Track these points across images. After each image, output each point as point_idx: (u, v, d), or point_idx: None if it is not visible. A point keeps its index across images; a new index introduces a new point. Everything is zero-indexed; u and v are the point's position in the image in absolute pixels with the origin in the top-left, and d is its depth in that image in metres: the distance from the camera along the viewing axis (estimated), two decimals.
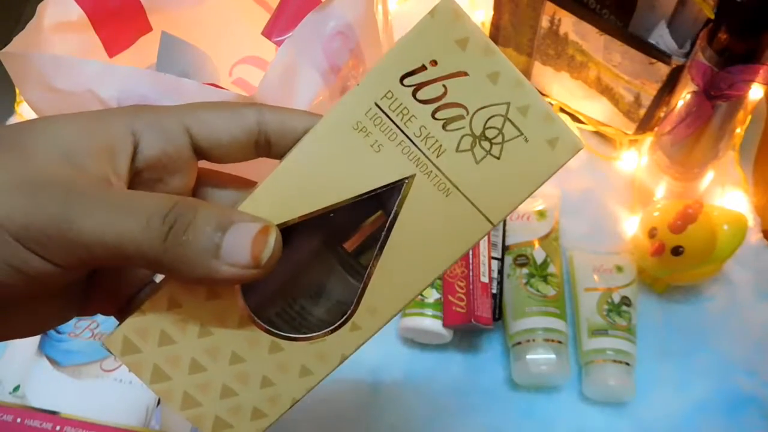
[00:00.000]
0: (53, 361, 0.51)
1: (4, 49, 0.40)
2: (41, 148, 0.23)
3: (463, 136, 0.24)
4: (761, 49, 0.46)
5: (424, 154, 0.25)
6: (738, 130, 0.58)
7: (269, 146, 0.26)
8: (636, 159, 0.60)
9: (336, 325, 0.26)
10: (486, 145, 0.24)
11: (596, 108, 0.62)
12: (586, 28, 0.56)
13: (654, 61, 0.53)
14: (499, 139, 0.24)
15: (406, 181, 0.25)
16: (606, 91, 0.60)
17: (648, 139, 0.59)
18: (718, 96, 0.48)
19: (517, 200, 0.25)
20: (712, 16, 0.46)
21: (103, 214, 0.22)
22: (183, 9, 0.50)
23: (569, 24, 0.57)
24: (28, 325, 0.26)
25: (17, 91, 0.56)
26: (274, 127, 0.26)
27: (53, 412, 0.49)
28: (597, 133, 0.63)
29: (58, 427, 0.48)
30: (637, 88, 0.57)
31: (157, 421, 0.49)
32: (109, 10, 0.47)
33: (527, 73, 0.65)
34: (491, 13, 0.64)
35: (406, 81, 0.24)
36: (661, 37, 0.53)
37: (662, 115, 0.57)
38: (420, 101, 0.24)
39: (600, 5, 0.54)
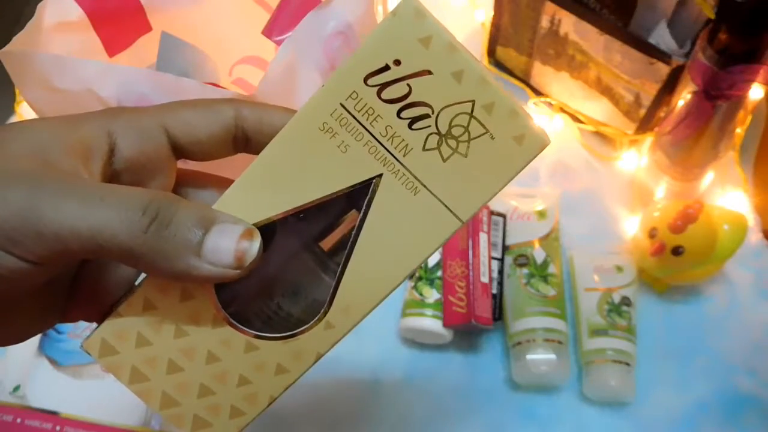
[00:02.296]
0: (53, 361, 0.51)
1: (4, 49, 0.40)
2: (12, 147, 0.23)
3: (429, 135, 0.24)
4: (761, 49, 0.46)
5: (390, 153, 0.25)
6: (738, 130, 0.58)
7: (247, 142, 0.26)
8: (636, 159, 0.60)
9: (309, 324, 0.26)
10: (452, 143, 0.24)
11: (596, 108, 0.62)
12: (586, 28, 0.56)
13: (654, 61, 0.53)
14: (465, 137, 0.24)
15: (374, 180, 0.25)
16: (606, 91, 0.60)
17: (648, 139, 0.59)
18: (718, 96, 0.48)
19: (485, 197, 0.25)
20: (712, 16, 0.46)
21: (76, 204, 0.22)
22: (183, 9, 0.50)
23: (569, 24, 0.57)
24: (8, 332, 0.26)
25: (17, 91, 0.56)
26: (251, 123, 0.26)
27: (53, 412, 0.49)
28: (597, 133, 0.63)
29: (58, 427, 0.48)
30: (637, 88, 0.57)
31: (157, 421, 0.49)
32: (109, 10, 0.47)
33: (527, 73, 0.65)
34: (491, 13, 0.64)
35: (371, 81, 0.24)
36: (661, 37, 0.53)
37: (662, 115, 0.57)
38: (385, 101, 0.24)
39: (600, 5, 0.54)
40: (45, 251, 0.22)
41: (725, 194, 0.59)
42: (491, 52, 0.67)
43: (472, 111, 0.24)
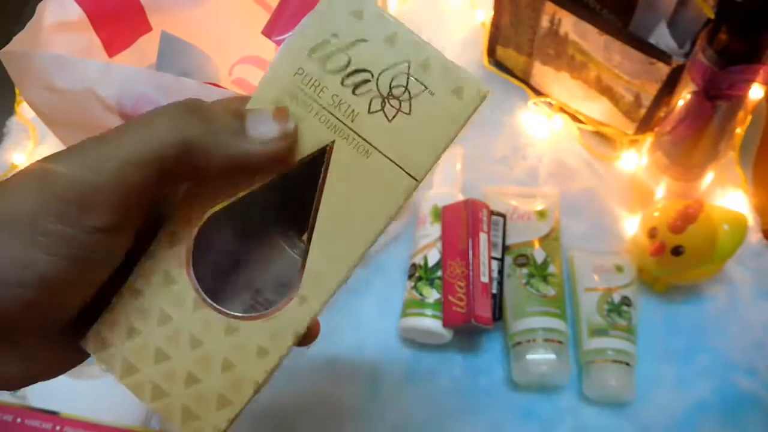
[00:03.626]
0: None
1: (4, 49, 0.40)
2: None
3: (372, 98, 0.26)
4: (761, 49, 0.46)
5: (339, 120, 0.26)
6: (738, 130, 0.58)
7: None
8: (636, 159, 0.60)
9: (284, 300, 0.27)
10: (395, 103, 0.26)
11: (596, 108, 0.62)
12: (586, 28, 0.56)
13: (654, 61, 0.53)
14: (406, 96, 0.26)
15: (327, 147, 0.26)
16: (606, 91, 0.60)
17: (648, 139, 0.59)
18: (718, 96, 0.48)
19: (435, 153, 0.26)
20: (712, 16, 0.46)
21: (131, 136, 0.23)
22: (183, 9, 0.50)
23: (569, 24, 0.57)
24: (57, 362, 0.27)
25: (17, 91, 0.56)
26: None
27: (53, 412, 0.49)
28: (597, 133, 0.63)
29: (58, 427, 0.48)
30: (637, 88, 0.57)
31: (157, 421, 0.49)
32: (109, 10, 0.47)
33: (527, 73, 0.65)
34: (491, 13, 0.64)
35: (314, 55, 0.26)
36: (661, 37, 0.53)
37: (662, 115, 0.57)
38: (328, 71, 0.26)
39: (600, 5, 0.54)
40: (118, 193, 0.23)
41: (725, 194, 0.59)
42: (491, 52, 0.67)
43: (409, 70, 0.26)
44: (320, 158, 0.26)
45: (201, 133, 0.24)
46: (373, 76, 0.26)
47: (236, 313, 0.27)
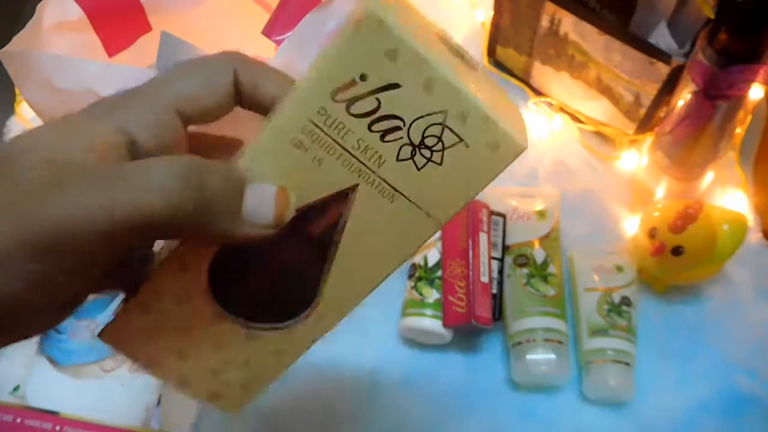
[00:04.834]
0: (53, 361, 0.51)
1: (3, 49, 0.40)
2: (26, 159, 0.22)
3: (402, 146, 0.24)
4: (761, 49, 0.46)
5: (365, 165, 0.25)
6: (738, 130, 0.58)
7: (241, 98, 0.27)
8: (636, 159, 0.60)
9: (301, 316, 0.28)
10: (426, 153, 0.24)
11: (596, 108, 0.62)
12: (586, 28, 0.56)
13: (654, 61, 0.53)
14: (438, 146, 0.24)
15: (350, 191, 0.25)
16: (606, 91, 0.60)
17: (648, 139, 0.59)
18: (718, 96, 0.48)
19: (461, 202, 0.26)
20: (712, 16, 0.46)
21: (109, 194, 0.21)
22: (183, 9, 0.50)
23: (569, 24, 0.57)
24: (40, 324, 0.26)
25: (17, 91, 0.56)
26: (246, 87, 0.26)
27: (53, 412, 0.49)
28: (597, 133, 0.63)
29: (58, 427, 0.48)
30: (637, 88, 0.57)
31: (157, 421, 0.49)
32: (109, 10, 0.47)
33: (527, 72, 0.65)
34: (491, 13, 0.64)
35: (338, 96, 0.23)
36: (661, 37, 0.53)
37: (662, 115, 0.57)
38: (354, 116, 0.24)
39: (600, 5, 0.54)
40: (104, 248, 0.22)
41: (725, 194, 0.59)
42: (491, 52, 0.67)
43: (445, 121, 0.24)
44: (341, 195, 0.25)
45: (195, 214, 0.22)
46: (404, 124, 0.24)
47: (256, 324, 0.28)
